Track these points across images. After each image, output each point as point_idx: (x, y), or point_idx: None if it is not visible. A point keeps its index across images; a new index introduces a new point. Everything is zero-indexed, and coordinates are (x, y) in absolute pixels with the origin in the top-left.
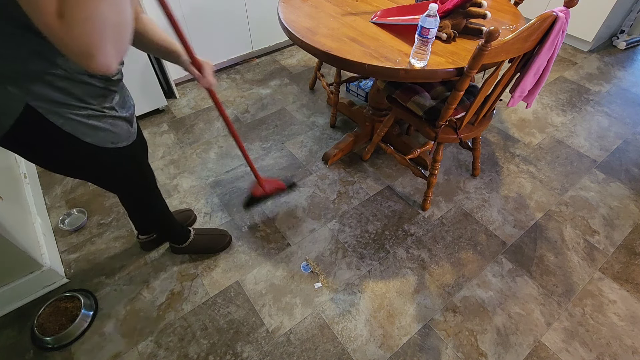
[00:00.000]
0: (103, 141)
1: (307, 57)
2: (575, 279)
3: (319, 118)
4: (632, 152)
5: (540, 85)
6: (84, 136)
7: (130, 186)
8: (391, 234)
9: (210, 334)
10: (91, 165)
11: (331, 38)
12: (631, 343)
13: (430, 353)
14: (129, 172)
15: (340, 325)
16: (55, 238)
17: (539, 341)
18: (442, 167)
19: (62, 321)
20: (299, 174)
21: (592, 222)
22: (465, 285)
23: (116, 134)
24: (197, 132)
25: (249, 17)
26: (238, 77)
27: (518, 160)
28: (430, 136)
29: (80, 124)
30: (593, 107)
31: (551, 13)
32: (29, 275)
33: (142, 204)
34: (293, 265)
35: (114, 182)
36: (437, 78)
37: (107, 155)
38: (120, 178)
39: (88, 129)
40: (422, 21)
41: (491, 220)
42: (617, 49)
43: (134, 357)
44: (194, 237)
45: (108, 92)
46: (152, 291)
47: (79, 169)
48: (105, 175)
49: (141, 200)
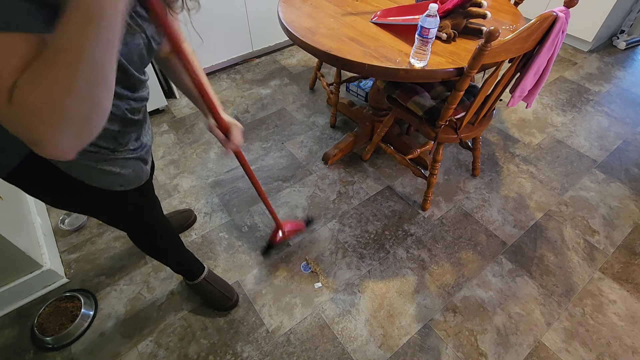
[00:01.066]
0: (110, 184)
1: (307, 57)
2: (575, 279)
3: (319, 118)
4: (632, 152)
5: (540, 85)
6: (89, 180)
7: (136, 224)
8: (391, 234)
9: (210, 334)
10: (94, 204)
11: (331, 38)
12: (631, 343)
13: (430, 353)
14: (136, 212)
15: (340, 325)
16: (55, 238)
17: (539, 341)
18: (442, 167)
19: (62, 321)
20: (299, 174)
21: (592, 222)
22: (465, 285)
23: (126, 177)
24: (197, 132)
25: (249, 17)
26: (238, 77)
27: (518, 160)
28: (430, 136)
29: (87, 168)
30: (593, 107)
31: (551, 13)
32: (29, 275)
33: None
34: (293, 265)
35: (119, 220)
36: (437, 78)
37: (113, 196)
38: (125, 217)
39: (95, 173)
40: (422, 21)
41: (491, 220)
42: (617, 49)
43: (134, 357)
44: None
45: (125, 134)
46: (152, 291)
47: (80, 207)
48: (109, 213)
49: (149, 239)
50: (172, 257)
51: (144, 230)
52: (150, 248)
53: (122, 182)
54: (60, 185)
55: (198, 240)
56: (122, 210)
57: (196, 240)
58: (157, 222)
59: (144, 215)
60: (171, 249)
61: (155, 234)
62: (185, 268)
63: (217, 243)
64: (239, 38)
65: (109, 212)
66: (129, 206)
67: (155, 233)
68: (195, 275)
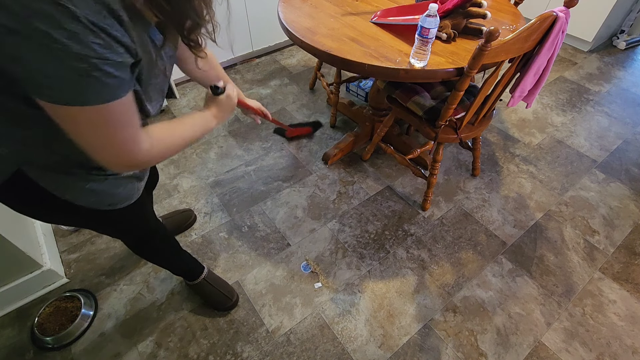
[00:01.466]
0: (98, 204)
1: (307, 57)
2: (575, 279)
3: (319, 118)
4: (632, 152)
5: (540, 85)
6: (75, 200)
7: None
8: (391, 234)
9: (210, 334)
10: (81, 220)
11: (331, 38)
12: (631, 343)
13: (430, 353)
14: (126, 225)
15: (340, 325)
16: (55, 238)
17: (539, 341)
18: (442, 167)
19: (62, 321)
20: (299, 174)
21: (592, 222)
22: (465, 285)
23: (114, 195)
24: None
25: (249, 17)
26: (238, 77)
27: (518, 160)
28: (430, 136)
29: (75, 188)
30: (593, 107)
31: (551, 13)
32: (29, 275)
33: (146, 250)
34: (293, 265)
35: (109, 233)
36: (437, 78)
37: (101, 214)
38: (115, 230)
39: (83, 193)
40: (422, 21)
41: (491, 220)
42: (617, 49)
43: (134, 357)
44: (200, 282)
45: None
46: (152, 291)
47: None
48: (97, 228)
49: (143, 247)
50: (169, 260)
51: (137, 239)
52: (146, 254)
53: (110, 201)
54: (45, 206)
55: (198, 240)
56: (111, 226)
57: (196, 240)
58: (150, 231)
59: (135, 228)
60: (167, 253)
61: (149, 242)
62: (184, 269)
63: (217, 243)
64: (239, 38)
65: (96, 226)
66: (117, 223)
67: (149, 240)
68: (194, 275)
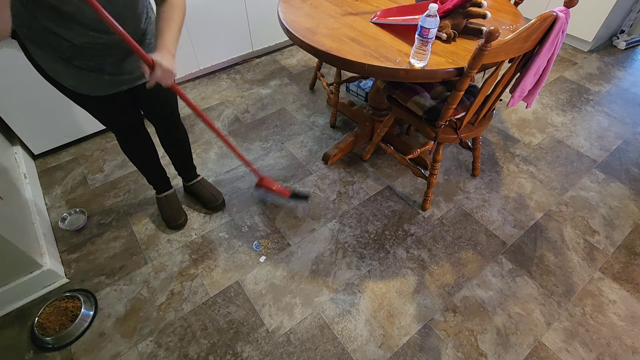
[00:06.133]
0: (74, 87)
1: (307, 57)
2: (575, 279)
3: (319, 118)
4: (632, 152)
5: (540, 85)
6: (55, 77)
7: (111, 127)
8: (391, 234)
9: (210, 334)
10: (72, 98)
11: (331, 38)
12: (631, 343)
13: (430, 353)
14: (104, 116)
15: (340, 325)
16: (55, 238)
17: (539, 341)
18: (442, 167)
19: (62, 321)
20: (299, 174)
21: (592, 222)
22: (465, 285)
23: (79, 82)
24: (197, 132)
25: (249, 17)
26: (238, 77)
27: (518, 160)
28: (430, 136)
29: (53, 68)
30: (593, 107)
31: (551, 13)
32: (29, 275)
33: (125, 148)
34: (293, 265)
35: (98, 119)
36: (437, 78)
37: (82, 97)
38: (99, 118)
39: (60, 70)
40: (422, 21)
41: (491, 220)
42: (617, 49)
43: (134, 357)
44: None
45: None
46: (152, 291)
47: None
48: (89, 112)
49: (123, 144)
50: (140, 170)
51: (118, 136)
52: (126, 154)
53: (70, 83)
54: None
55: (198, 240)
56: (90, 112)
57: (196, 240)
58: (129, 132)
59: (108, 122)
60: (143, 159)
61: (126, 144)
62: (151, 182)
63: (217, 243)
64: (239, 38)
65: (87, 110)
66: (91, 109)
67: (128, 140)
68: (158, 191)
